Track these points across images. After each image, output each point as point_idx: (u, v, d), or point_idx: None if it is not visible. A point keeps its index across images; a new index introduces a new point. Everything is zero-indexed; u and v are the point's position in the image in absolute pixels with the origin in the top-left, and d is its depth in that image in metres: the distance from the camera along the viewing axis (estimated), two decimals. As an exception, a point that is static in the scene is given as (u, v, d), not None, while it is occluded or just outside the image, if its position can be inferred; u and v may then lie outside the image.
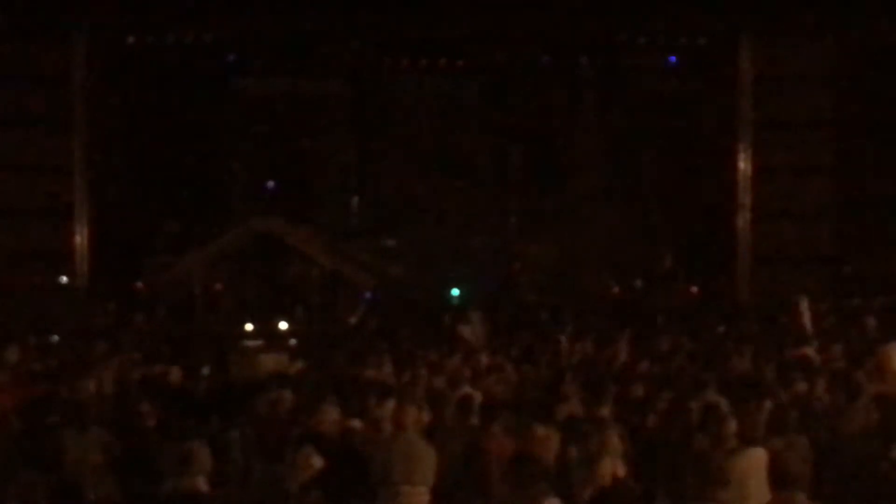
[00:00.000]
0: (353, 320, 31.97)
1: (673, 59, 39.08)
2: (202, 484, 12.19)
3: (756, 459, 9.68)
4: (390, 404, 13.01)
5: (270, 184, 42.21)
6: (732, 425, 10.68)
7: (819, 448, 11.25)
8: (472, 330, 26.06)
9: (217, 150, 40.53)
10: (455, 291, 38.55)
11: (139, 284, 36.10)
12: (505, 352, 21.74)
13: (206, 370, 18.22)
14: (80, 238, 35.02)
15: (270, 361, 20.10)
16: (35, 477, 11.63)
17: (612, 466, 10.53)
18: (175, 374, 16.98)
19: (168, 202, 39.09)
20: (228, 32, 36.95)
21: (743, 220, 35.24)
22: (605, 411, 13.10)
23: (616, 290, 38.68)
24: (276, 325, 29.60)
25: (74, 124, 34.78)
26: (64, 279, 34.37)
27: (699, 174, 38.55)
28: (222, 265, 33.61)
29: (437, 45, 39.18)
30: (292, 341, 26.81)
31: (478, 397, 13.88)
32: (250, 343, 25.79)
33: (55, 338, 24.50)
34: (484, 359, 19.88)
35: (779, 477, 8.06)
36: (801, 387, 14.60)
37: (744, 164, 35.11)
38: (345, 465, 11.43)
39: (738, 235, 35.40)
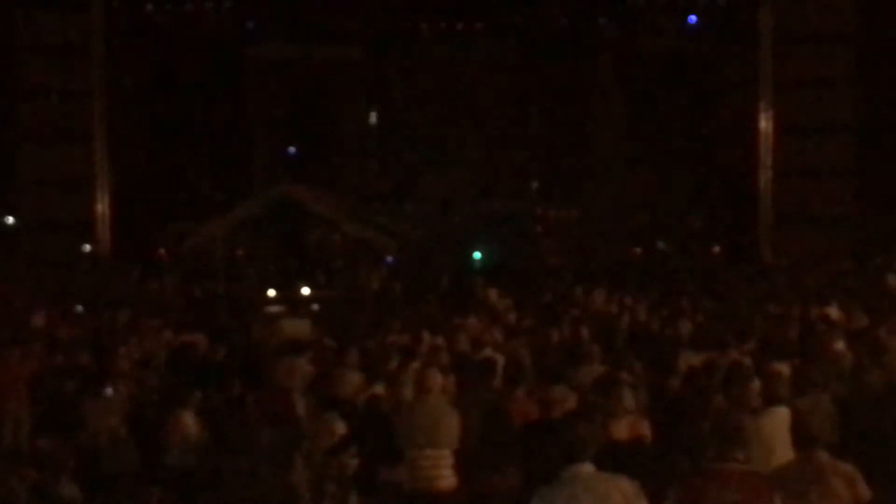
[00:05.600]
0: (375, 285, 31.94)
1: (692, 18, 38.90)
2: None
3: (779, 419, 9.65)
4: (413, 368, 13.01)
5: (291, 150, 42.16)
6: (756, 385, 10.64)
7: (842, 407, 11.22)
8: (497, 294, 26.02)
9: (237, 117, 40.48)
10: (477, 255, 38.53)
11: (161, 252, 36.17)
12: (528, 315, 21.65)
13: (228, 337, 18.23)
14: (102, 206, 35.13)
15: (293, 327, 20.10)
16: (56, 442, 11.75)
17: (631, 426, 10.52)
18: (203, 343, 16.98)
19: (189, 170, 39.15)
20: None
21: (765, 179, 35.20)
22: (628, 372, 13.08)
23: (638, 251, 38.61)
24: (299, 290, 29.56)
25: (94, 93, 34.84)
26: (87, 247, 34.48)
27: (720, 134, 38.47)
28: (244, 231, 33.60)
29: (455, 9, 39.08)
30: (314, 307, 26.80)
31: (500, 360, 13.85)
32: (273, 309, 25.80)
33: (80, 308, 24.51)
34: (507, 322, 19.83)
35: (802, 436, 8.06)
36: (825, 345, 14.54)
37: (765, 124, 35.04)
38: (369, 430, 11.45)
39: (759, 195, 35.37)
